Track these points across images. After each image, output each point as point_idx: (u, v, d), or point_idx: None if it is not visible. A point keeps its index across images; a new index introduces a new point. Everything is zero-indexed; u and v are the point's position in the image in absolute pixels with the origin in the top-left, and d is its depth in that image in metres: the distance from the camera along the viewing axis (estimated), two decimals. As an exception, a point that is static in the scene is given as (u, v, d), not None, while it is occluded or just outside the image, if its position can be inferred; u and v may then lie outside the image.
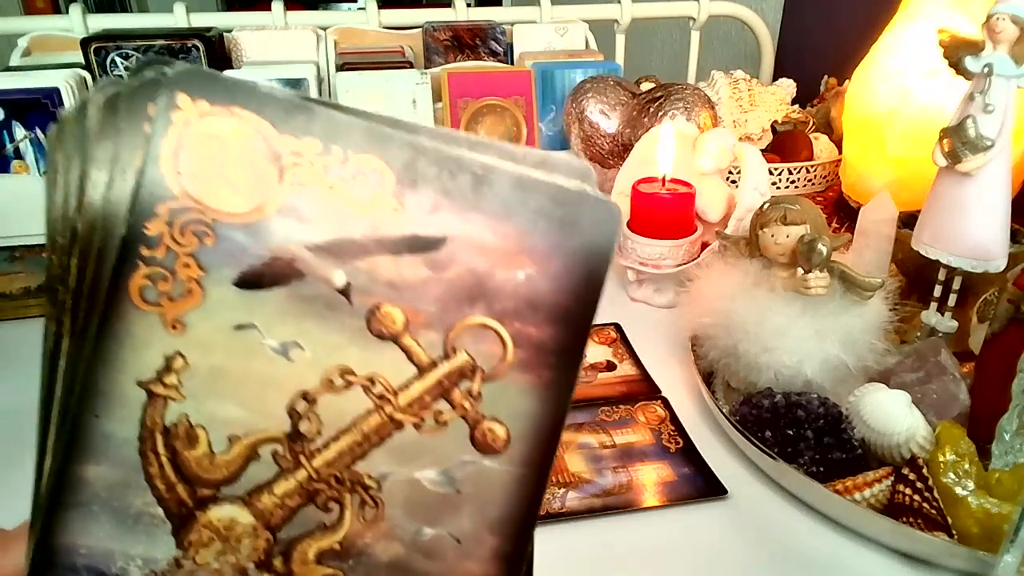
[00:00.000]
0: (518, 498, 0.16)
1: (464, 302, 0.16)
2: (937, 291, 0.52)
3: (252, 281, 0.16)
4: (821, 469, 0.43)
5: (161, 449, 0.17)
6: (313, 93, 0.86)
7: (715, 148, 0.64)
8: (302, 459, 0.17)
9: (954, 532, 0.39)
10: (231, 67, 0.90)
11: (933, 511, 0.39)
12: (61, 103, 0.72)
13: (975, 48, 0.46)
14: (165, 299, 0.16)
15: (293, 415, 0.17)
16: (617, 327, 0.63)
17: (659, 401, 0.53)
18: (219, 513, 0.17)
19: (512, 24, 1.01)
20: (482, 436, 0.16)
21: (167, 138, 0.16)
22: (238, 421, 0.17)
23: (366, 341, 0.16)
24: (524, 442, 0.16)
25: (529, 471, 0.16)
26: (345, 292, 0.16)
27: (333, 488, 0.17)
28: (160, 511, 0.17)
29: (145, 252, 0.16)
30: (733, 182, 0.84)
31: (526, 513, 0.17)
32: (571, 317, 0.16)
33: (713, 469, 0.46)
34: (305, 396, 0.17)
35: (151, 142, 0.16)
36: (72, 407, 0.17)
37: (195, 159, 0.16)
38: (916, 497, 0.39)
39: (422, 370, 0.17)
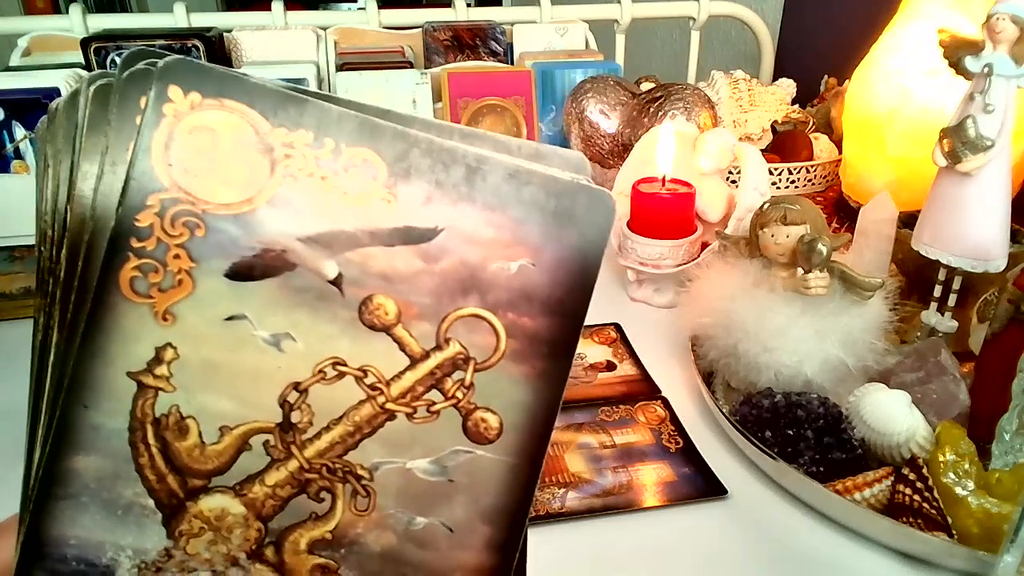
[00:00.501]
0: (511, 487, 0.16)
1: (457, 293, 0.16)
2: (937, 291, 0.52)
3: (243, 272, 0.16)
4: (821, 469, 0.43)
5: (151, 440, 0.17)
6: (313, 93, 0.85)
7: (715, 148, 0.64)
8: (293, 449, 0.17)
9: (954, 532, 0.38)
10: (231, 67, 0.90)
11: (933, 511, 0.39)
12: (61, 103, 0.72)
13: (975, 48, 0.45)
14: (155, 290, 0.16)
15: (284, 406, 0.17)
16: (617, 327, 0.63)
17: (659, 401, 0.53)
18: (210, 503, 0.17)
19: (512, 24, 1.01)
20: (475, 426, 0.16)
21: (158, 130, 0.16)
22: (229, 412, 0.17)
23: (358, 332, 0.16)
24: (517, 432, 0.16)
25: (522, 460, 0.16)
26: (337, 283, 0.16)
27: (325, 478, 0.17)
28: (151, 502, 0.17)
29: (135, 243, 0.16)
30: (733, 182, 0.84)
31: (519, 502, 0.17)
32: (565, 307, 0.16)
33: (713, 469, 0.46)
34: (297, 387, 0.17)
35: (142, 134, 0.16)
36: (61, 399, 0.17)
37: (186, 151, 0.16)
38: (916, 497, 0.39)
39: (415, 361, 0.17)
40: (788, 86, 1.00)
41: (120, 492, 0.17)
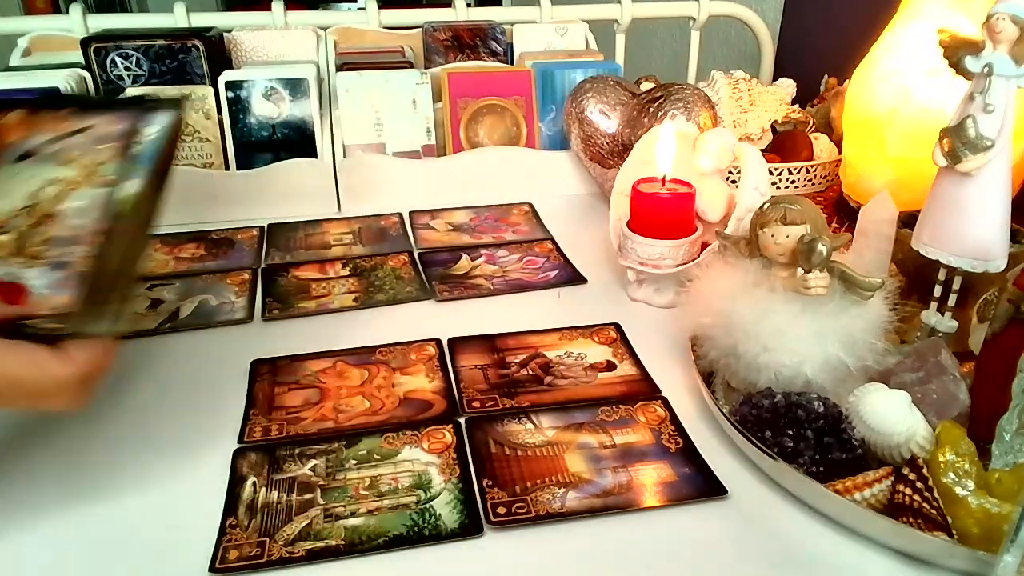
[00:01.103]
0: (136, 203, 0.43)
1: (99, 143, 0.43)
2: (937, 291, 0.52)
3: (16, 159, 0.43)
4: (821, 469, 0.43)
5: None
6: (313, 92, 0.86)
7: (715, 148, 0.64)
8: (33, 214, 0.41)
9: (954, 532, 0.39)
10: (231, 67, 0.90)
11: (933, 511, 0.39)
12: (60, 103, 0.74)
13: (975, 48, 0.46)
14: None
15: (32, 201, 0.41)
16: (617, 327, 0.63)
17: (659, 401, 0.53)
18: (2, 238, 0.40)
19: (512, 24, 1.01)
20: (108, 185, 0.42)
21: None
22: (5, 207, 0.41)
23: (60, 167, 0.42)
24: (142, 183, 0.43)
25: (149, 189, 0.43)
26: (51, 155, 0.43)
27: (45, 222, 0.40)
28: None
29: None
30: (733, 182, 0.84)
31: (146, 203, 0.43)
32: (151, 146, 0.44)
33: (713, 469, 0.46)
34: (33, 195, 0.41)
35: None
36: None
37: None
38: (916, 497, 0.39)
39: (83, 171, 0.42)
40: (788, 86, 1.01)
41: None
